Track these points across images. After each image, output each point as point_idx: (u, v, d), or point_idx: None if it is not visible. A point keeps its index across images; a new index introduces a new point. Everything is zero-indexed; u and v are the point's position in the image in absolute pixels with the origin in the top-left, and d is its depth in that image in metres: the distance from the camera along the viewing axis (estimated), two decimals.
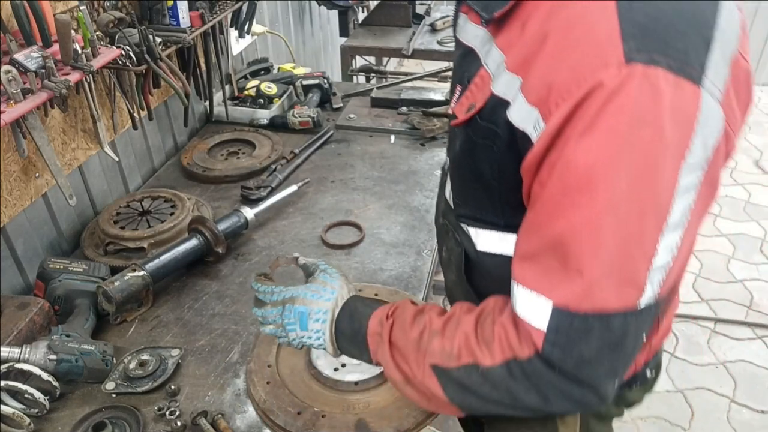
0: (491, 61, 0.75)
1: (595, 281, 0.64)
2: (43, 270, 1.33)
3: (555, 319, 0.67)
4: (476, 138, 0.77)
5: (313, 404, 1.08)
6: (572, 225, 0.64)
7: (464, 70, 0.81)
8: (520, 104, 0.67)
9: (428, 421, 1.08)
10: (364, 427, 1.04)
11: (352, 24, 3.40)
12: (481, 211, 0.87)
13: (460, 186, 0.91)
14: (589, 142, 0.61)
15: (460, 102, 0.79)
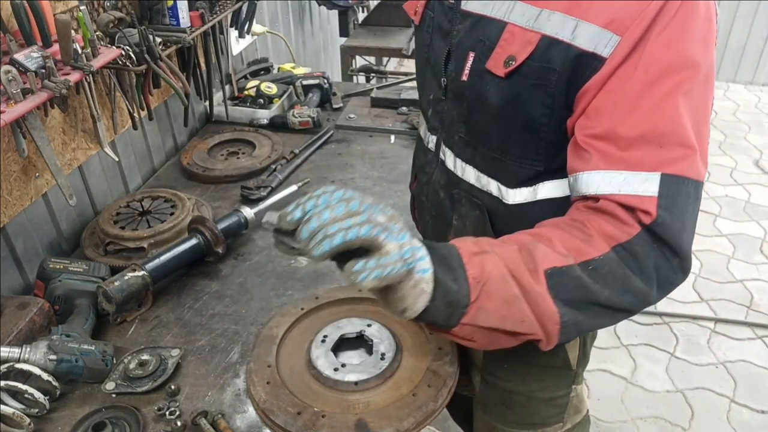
0: (518, 15, 0.86)
1: (695, 150, 0.77)
2: (43, 270, 1.33)
3: (665, 185, 0.75)
4: (526, 82, 0.85)
5: (313, 404, 1.08)
6: (663, 106, 0.76)
7: (478, 35, 0.91)
8: (586, 31, 0.79)
9: (428, 421, 1.08)
10: (364, 427, 1.04)
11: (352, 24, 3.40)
12: (521, 160, 0.93)
13: (502, 138, 0.94)
14: (669, 36, 0.76)
15: (492, 60, 0.88)
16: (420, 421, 1.06)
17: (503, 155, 0.95)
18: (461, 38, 0.95)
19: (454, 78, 0.97)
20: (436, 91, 1.04)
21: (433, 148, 1.10)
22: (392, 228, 0.70)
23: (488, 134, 0.96)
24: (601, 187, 0.79)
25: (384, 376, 1.13)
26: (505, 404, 1.24)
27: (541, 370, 1.17)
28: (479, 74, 0.91)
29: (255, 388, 1.11)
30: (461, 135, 1.01)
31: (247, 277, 1.48)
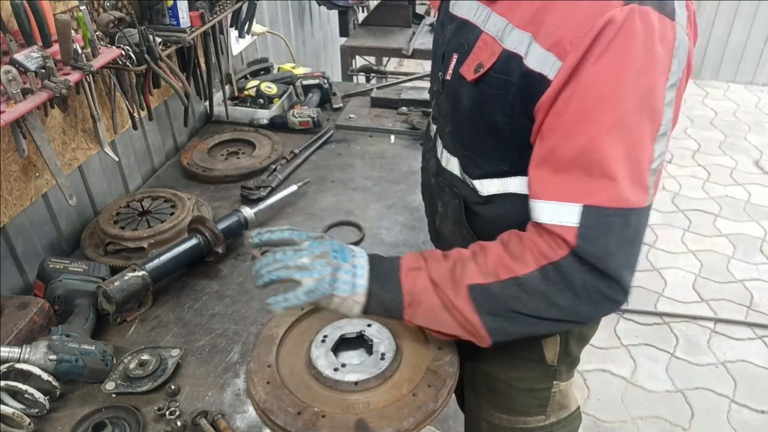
0: (491, 25, 0.90)
1: (617, 182, 0.79)
2: (43, 270, 1.33)
3: (585, 216, 0.81)
4: (489, 90, 0.90)
5: (313, 404, 1.08)
6: (594, 137, 0.79)
7: (461, 39, 0.96)
8: (535, 52, 0.82)
9: (428, 421, 1.08)
10: (364, 428, 1.04)
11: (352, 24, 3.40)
12: (489, 159, 0.98)
13: (471, 138, 1.00)
14: (604, 66, 0.77)
15: (466, 65, 0.93)
16: (420, 421, 1.06)
17: (474, 153, 1.01)
18: (448, 39, 1.01)
19: (444, 75, 1.03)
20: (437, 83, 1.10)
21: (433, 136, 1.17)
22: (314, 265, 0.94)
23: (462, 131, 1.03)
24: (539, 216, 0.86)
25: (384, 376, 1.13)
26: (489, 387, 1.28)
27: (518, 360, 1.20)
28: (456, 76, 0.97)
29: (255, 388, 1.11)
30: (448, 128, 1.07)
31: (247, 277, 1.48)
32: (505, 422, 1.29)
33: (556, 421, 1.29)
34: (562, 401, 1.28)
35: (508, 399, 1.26)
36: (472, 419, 1.40)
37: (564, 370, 1.23)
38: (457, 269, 0.92)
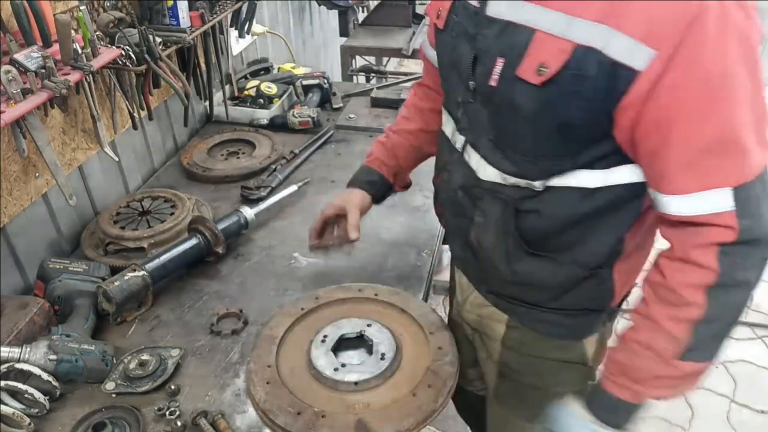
0: (548, 23, 0.85)
1: (752, 152, 0.81)
2: (43, 270, 1.33)
3: (737, 196, 0.82)
4: (561, 89, 0.86)
5: (313, 404, 1.08)
6: (726, 118, 0.79)
7: (506, 42, 0.91)
8: (619, 42, 0.79)
9: (428, 421, 1.08)
10: (363, 427, 1.04)
11: (352, 24, 3.40)
12: (552, 159, 0.95)
13: (532, 142, 0.96)
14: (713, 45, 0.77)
15: (523, 67, 0.88)
16: (420, 421, 1.06)
17: (534, 157, 0.97)
18: (488, 43, 0.94)
19: (483, 82, 0.96)
20: (464, 94, 1.04)
21: (460, 148, 1.10)
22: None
23: (519, 137, 0.97)
24: (682, 210, 0.86)
25: (384, 376, 1.13)
26: (521, 398, 1.26)
27: (558, 365, 1.19)
28: (509, 80, 0.91)
29: (255, 388, 1.11)
30: (490, 138, 1.02)
31: (247, 277, 1.48)
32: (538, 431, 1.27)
33: None
34: None
35: (543, 406, 1.22)
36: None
37: (597, 368, 1.22)
38: (654, 358, 0.92)
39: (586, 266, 1.03)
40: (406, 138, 1.38)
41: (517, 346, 1.21)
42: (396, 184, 1.42)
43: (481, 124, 1.02)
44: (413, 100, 1.40)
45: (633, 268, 1.09)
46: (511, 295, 1.15)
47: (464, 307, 1.31)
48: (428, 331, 1.22)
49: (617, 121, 0.87)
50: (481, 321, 1.27)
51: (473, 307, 1.27)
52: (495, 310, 1.21)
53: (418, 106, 1.38)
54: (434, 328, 1.23)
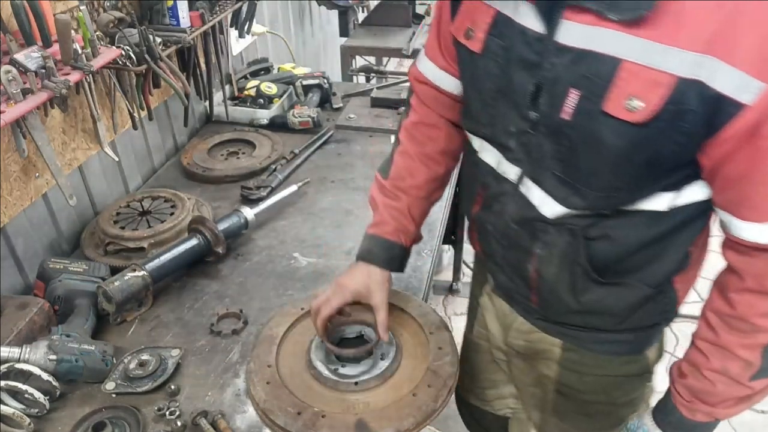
0: (639, 53, 0.78)
1: None
2: (43, 270, 1.33)
3: None
4: (656, 125, 0.80)
5: (313, 404, 1.08)
6: None
7: (582, 72, 0.82)
8: (726, 75, 0.74)
9: (428, 421, 1.08)
10: (364, 427, 1.04)
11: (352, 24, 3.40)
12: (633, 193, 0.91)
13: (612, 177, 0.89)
14: None
15: (609, 101, 0.81)
16: (420, 421, 1.06)
17: (610, 191, 0.91)
18: (558, 73, 0.85)
19: (549, 114, 0.88)
20: (519, 124, 0.94)
21: (515, 180, 1.00)
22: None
23: (595, 173, 0.89)
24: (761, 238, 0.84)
25: (384, 376, 1.13)
26: (586, 414, 1.23)
27: (624, 378, 1.17)
28: (589, 114, 0.83)
29: (255, 388, 1.11)
30: (555, 172, 0.93)
31: (247, 277, 1.48)
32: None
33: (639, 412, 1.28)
34: (648, 395, 1.26)
35: (609, 418, 1.23)
36: None
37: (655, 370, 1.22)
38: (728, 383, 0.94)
39: (654, 285, 1.01)
40: (416, 194, 1.20)
41: (578, 367, 1.17)
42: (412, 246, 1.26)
43: (543, 157, 0.93)
44: (414, 147, 1.20)
45: (693, 276, 1.08)
46: (571, 323, 1.11)
47: (509, 333, 1.25)
48: (428, 331, 1.22)
49: (708, 151, 0.82)
50: (531, 346, 1.22)
51: (520, 333, 1.22)
52: (546, 335, 1.17)
53: (422, 153, 1.20)
54: (434, 328, 1.22)
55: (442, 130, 1.19)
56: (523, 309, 1.18)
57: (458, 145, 1.21)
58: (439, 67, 1.12)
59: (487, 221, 1.11)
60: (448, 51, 1.09)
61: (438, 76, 1.13)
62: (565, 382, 1.20)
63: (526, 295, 1.13)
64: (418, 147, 1.20)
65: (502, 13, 0.92)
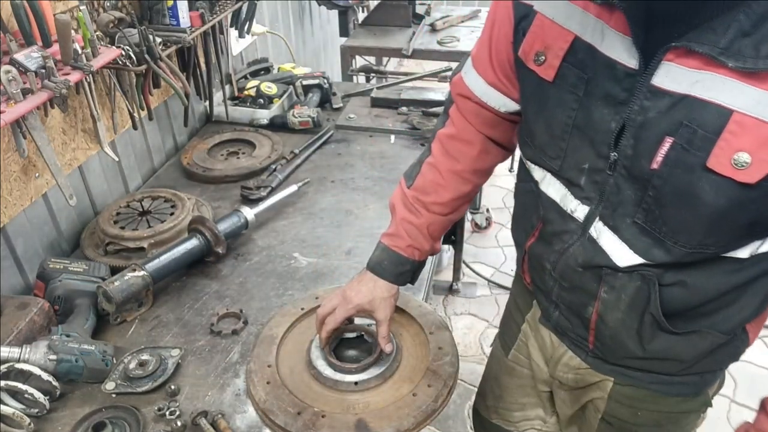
0: (750, 102, 0.69)
1: None
2: (43, 270, 1.33)
3: None
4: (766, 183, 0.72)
5: (313, 404, 1.08)
6: None
7: (679, 118, 0.75)
8: None
9: (428, 421, 1.08)
10: (363, 427, 1.04)
11: (352, 24, 3.40)
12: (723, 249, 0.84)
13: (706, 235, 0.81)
14: None
15: (715, 158, 0.73)
16: (420, 421, 1.06)
17: (702, 248, 0.83)
18: (651, 118, 0.77)
19: (633, 157, 0.81)
20: (593, 161, 0.87)
21: (581, 219, 0.93)
22: None
23: (687, 230, 0.81)
24: None
25: (384, 376, 1.13)
26: None
27: (682, 415, 1.13)
28: (685, 167, 0.75)
29: (255, 388, 1.11)
30: (637, 221, 0.85)
31: (247, 277, 1.48)
32: None
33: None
34: (700, 423, 1.21)
35: None
36: None
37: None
38: None
39: (728, 332, 0.94)
40: (439, 210, 1.14)
41: (630, 402, 1.10)
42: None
43: (622, 202, 0.86)
44: (445, 162, 1.13)
45: (763, 319, 1.00)
46: (632, 366, 1.04)
47: (556, 366, 1.19)
48: (428, 331, 1.22)
49: None
50: (581, 378, 1.15)
51: (569, 368, 1.16)
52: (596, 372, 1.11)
53: (454, 171, 1.12)
54: (434, 328, 1.23)
55: (478, 147, 1.12)
56: (576, 346, 1.11)
57: (492, 164, 1.16)
58: (488, 83, 1.04)
59: (544, 258, 1.03)
60: (500, 65, 1.01)
61: (486, 92, 1.05)
62: (614, 414, 1.13)
63: (583, 336, 1.06)
64: (450, 163, 1.13)
65: (582, 40, 0.83)
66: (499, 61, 1.00)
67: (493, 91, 1.04)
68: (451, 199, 1.14)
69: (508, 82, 1.02)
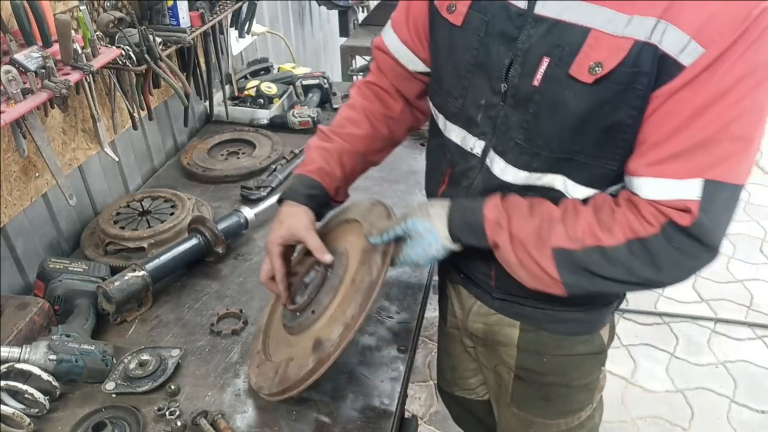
0: (602, 21, 0.84)
1: (735, 159, 0.83)
2: (43, 270, 1.33)
3: (706, 190, 0.83)
4: (614, 87, 0.85)
5: (286, 356, 1.09)
6: (725, 119, 0.81)
7: (554, 41, 0.89)
8: (672, 37, 0.80)
9: (372, 295, 1.01)
10: (318, 344, 1.01)
11: (352, 24, 3.40)
12: (597, 159, 0.94)
13: (576, 142, 0.93)
14: (752, 53, 0.78)
15: (575, 66, 0.87)
16: (363, 301, 1.00)
17: (575, 155, 0.94)
18: (533, 43, 0.91)
19: (519, 84, 0.94)
20: (489, 97, 0.99)
21: (479, 154, 1.05)
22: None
23: (559, 139, 0.94)
24: (651, 194, 0.87)
25: (334, 288, 1.07)
26: (545, 397, 1.26)
27: (580, 358, 1.20)
28: (556, 80, 0.89)
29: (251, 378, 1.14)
30: (518, 141, 0.98)
31: (247, 277, 1.48)
32: (562, 426, 1.30)
33: (596, 405, 1.32)
34: (603, 382, 1.31)
35: (567, 401, 1.27)
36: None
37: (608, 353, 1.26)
38: (543, 228, 0.94)
39: None
40: (352, 143, 1.21)
41: (536, 348, 1.20)
42: (335, 198, 1.23)
43: (509, 128, 0.98)
44: (361, 102, 1.24)
45: None
46: (527, 296, 1.12)
47: (468, 317, 1.29)
48: (366, 220, 1.14)
49: (648, 110, 0.87)
50: (490, 328, 1.25)
51: (479, 316, 1.26)
52: (504, 317, 1.20)
53: (368, 109, 1.23)
54: (367, 212, 1.16)
55: (391, 95, 1.24)
56: (482, 290, 1.21)
57: (404, 125, 1.27)
58: (401, 40, 1.17)
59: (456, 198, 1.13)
60: (414, 26, 1.14)
61: (398, 48, 1.18)
62: (523, 365, 1.23)
63: (486, 273, 1.16)
64: (365, 102, 1.24)
65: None
66: (415, 21, 1.14)
67: (404, 48, 1.17)
68: (365, 134, 1.22)
69: (419, 41, 1.15)
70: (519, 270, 0.99)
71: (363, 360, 1.23)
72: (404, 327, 1.32)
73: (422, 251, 1.04)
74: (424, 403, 2.48)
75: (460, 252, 1.12)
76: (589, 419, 1.31)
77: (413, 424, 1.38)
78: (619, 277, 0.91)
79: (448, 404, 1.70)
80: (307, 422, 1.10)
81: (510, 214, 0.98)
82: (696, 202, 0.83)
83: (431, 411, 2.44)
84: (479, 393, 1.55)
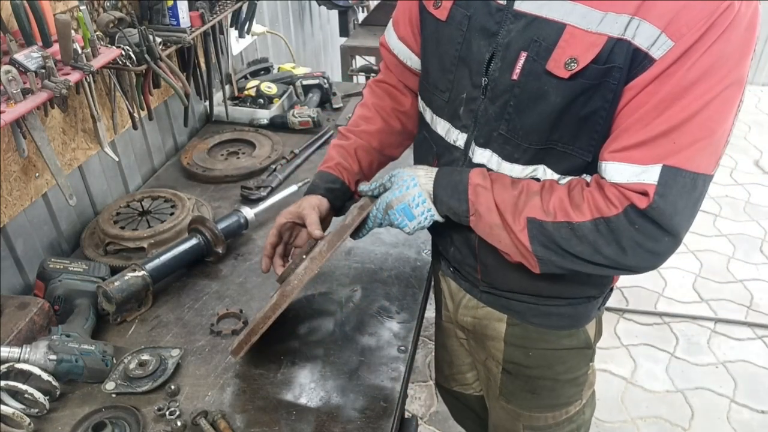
0: (578, 17, 0.87)
1: (697, 148, 0.85)
2: (43, 270, 1.33)
3: (663, 175, 0.86)
4: (589, 82, 0.89)
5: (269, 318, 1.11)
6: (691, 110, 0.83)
7: (531, 36, 0.92)
8: (645, 32, 0.83)
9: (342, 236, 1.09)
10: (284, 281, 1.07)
11: (352, 24, 3.40)
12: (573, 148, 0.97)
13: (553, 133, 0.97)
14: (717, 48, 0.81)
15: (552, 61, 0.90)
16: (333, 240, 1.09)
17: (553, 144, 0.98)
18: (512, 38, 0.95)
19: (498, 77, 0.98)
20: (470, 90, 1.03)
21: (462, 146, 1.09)
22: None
23: (537, 130, 0.97)
24: (614, 177, 0.91)
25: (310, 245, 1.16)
26: (531, 391, 1.28)
27: (566, 352, 1.23)
28: (534, 74, 0.93)
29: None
30: (500, 132, 1.02)
31: (247, 277, 1.48)
32: (550, 420, 1.32)
33: (586, 401, 1.33)
34: (592, 379, 1.33)
35: (553, 395, 1.29)
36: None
37: (595, 349, 1.28)
38: (521, 199, 0.98)
39: None
40: (366, 139, 1.29)
41: (522, 342, 1.23)
42: (356, 192, 1.29)
43: (489, 120, 1.02)
44: (373, 100, 1.32)
45: None
46: (513, 290, 1.17)
47: (458, 311, 1.32)
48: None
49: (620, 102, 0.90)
50: (478, 322, 1.28)
51: (467, 309, 1.30)
52: (492, 310, 1.23)
53: (379, 106, 1.31)
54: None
55: (399, 90, 1.31)
56: (470, 284, 1.24)
57: (416, 118, 1.29)
58: (398, 37, 1.23)
59: None
60: (409, 22, 1.19)
61: (396, 45, 1.24)
62: (510, 359, 1.26)
63: (472, 266, 1.19)
64: (376, 99, 1.32)
65: None
66: (410, 18, 1.19)
67: (401, 44, 1.23)
68: (378, 129, 1.29)
69: (413, 37, 1.20)
70: (494, 239, 1.02)
71: (363, 360, 1.23)
72: (404, 327, 1.32)
73: (399, 193, 1.07)
74: (424, 403, 2.48)
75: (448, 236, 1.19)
76: (578, 414, 1.33)
77: (413, 424, 1.38)
78: (587, 256, 0.94)
79: (446, 400, 1.72)
80: (307, 422, 1.10)
81: (493, 181, 1.02)
82: (653, 186, 0.86)
83: (431, 411, 2.45)
84: (476, 388, 1.57)
